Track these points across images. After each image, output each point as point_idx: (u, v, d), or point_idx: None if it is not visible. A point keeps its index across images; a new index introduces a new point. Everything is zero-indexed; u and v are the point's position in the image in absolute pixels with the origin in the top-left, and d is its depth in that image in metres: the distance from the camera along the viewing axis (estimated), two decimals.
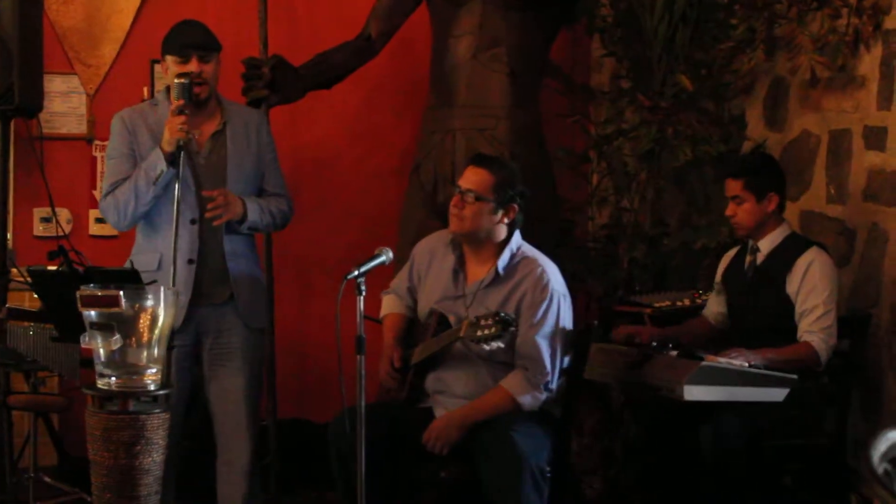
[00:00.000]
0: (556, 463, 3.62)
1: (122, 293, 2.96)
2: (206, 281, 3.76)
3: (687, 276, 4.70)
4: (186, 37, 3.77)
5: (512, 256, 3.69)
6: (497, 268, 3.66)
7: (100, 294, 2.99)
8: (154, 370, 3.05)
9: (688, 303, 4.29)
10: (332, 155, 5.22)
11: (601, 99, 5.11)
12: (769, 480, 3.77)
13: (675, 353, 3.71)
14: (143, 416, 3.01)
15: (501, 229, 3.68)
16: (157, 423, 3.04)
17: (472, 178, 3.66)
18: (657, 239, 4.77)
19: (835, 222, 4.29)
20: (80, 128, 4.96)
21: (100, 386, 3.03)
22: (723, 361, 3.59)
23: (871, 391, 4.00)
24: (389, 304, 3.93)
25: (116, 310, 2.96)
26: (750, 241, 4.01)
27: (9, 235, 4.54)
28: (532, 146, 4.59)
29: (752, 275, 3.97)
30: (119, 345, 2.98)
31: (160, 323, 3.03)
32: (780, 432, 3.75)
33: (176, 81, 3.67)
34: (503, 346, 3.50)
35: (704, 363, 3.55)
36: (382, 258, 3.34)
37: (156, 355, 3.04)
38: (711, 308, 4.16)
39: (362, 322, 3.16)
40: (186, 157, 3.65)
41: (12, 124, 4.54)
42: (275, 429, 4.67)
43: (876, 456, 2.07)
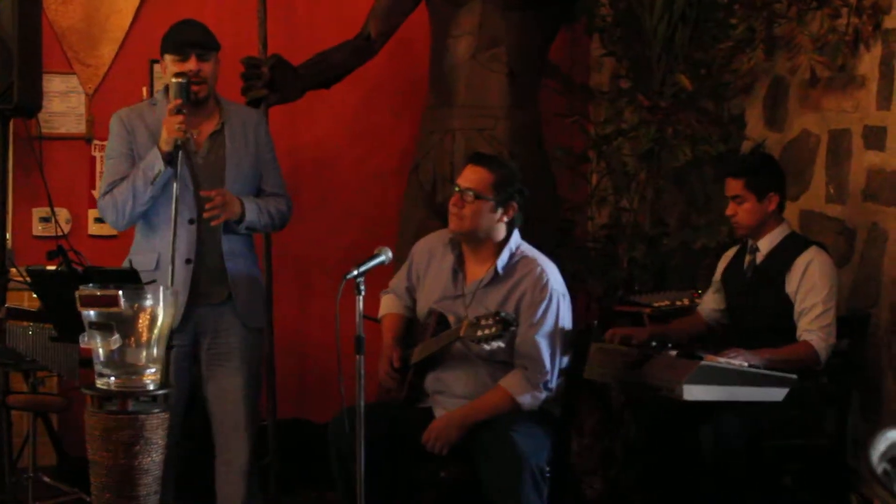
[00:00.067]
0: (556, 463, 3.62)
1: (121, 293, 2.96)
2: (203, 281, 3.76)
3: (686, 275, 4.70)
4: (185, 35, 3.76)
5: (511, 256, 3.69)
6: (496, 267, 3.66)
7: (99, 294, 2.98)
8: (153, 370, 3.05)
9: (687, 302, 4.29)
10: (332, 155, 5.21)
11: (600, 99, 5.10)
12: (769, 480, 3.77)
13: (674, 352, 3.71)
14: (143, 416, 3.00)
15: (501, 228, 3.68)
16: (157, 423, 3.04)
17: (471, 177, 3.66)
18: (657, 239, 4.77)
19: (834, 222, 4.29)
20: (79, 127, 4.96)
21: (99, 386, 3.03)
22: (722, 361, 3.59)
23: (870, 391, 4.00)
24: (388, 303, 3.92)
25: (115, 309, 2.96)
26: (749, 241, 4.01)
27: (8, 235, 4.53)
28: (531, 146, 4.58)
29: (752, 274, 3.97)
30: (118, 345, 2.98)
31: (159, 323, 3.03)
32: (780, 432, 3.74)
33: (173, 81, 3.66)
34: (503, 346, 3.50)
35: (704, 363, 3.55)
36: (382, 258, 3.34)
37: (155, 355, 3.04)
38: (707, 305, 4.16)
39: (362, 322, 3.16)
40: (184, 157, 3.64)
41: (11, 124, 4.53)
42: (274, 429, 4.66)
43: (875, 456, 2.07)
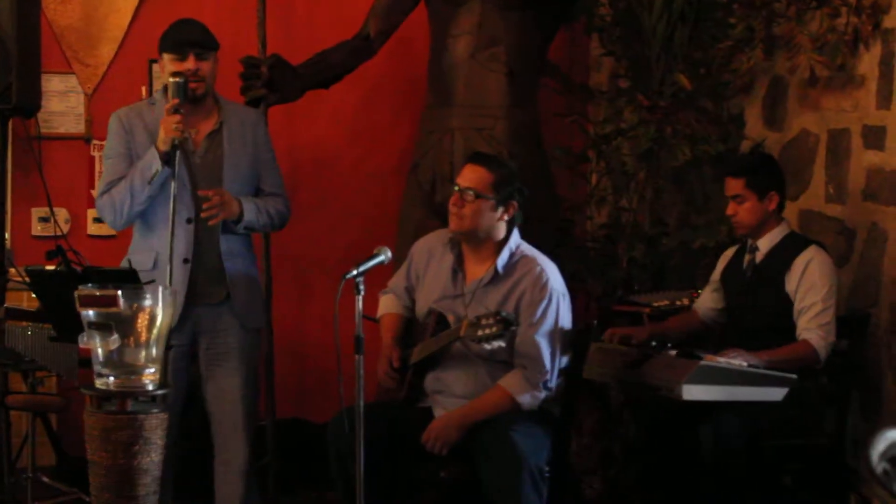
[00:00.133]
0: (556, 463, 3.62)
1: (120, 293, 2.96)
2: (201, 280, 3.75)
3: (686, 275, 4.69)
4: (183, 34, 3.76)
5: (511, 255, 3.68)
6: (496, 266, 3.65)
7: (98, 294, 2.98)
8: (152, 370, 3.05)
9: (687, 302, 4.28)
10: (331, 154, 5.21)
11: (600, 98, 5.10)
12: (769, 480, 3.76)
13: (674, 352, 3.71)
14: (142, 416, 3.00)
15: (501, 227, 3.68)
16: (156, 423, 3.03)
17: (470, 177, 3.66)
18: (656, 238, 4.77)
19: (834, 222, 4.28)
20: (78, 127, 4.95)
21: (98, 386, 3.02)
22: (722, 361, 3.59)
23: (870, 391, 4.00)
24: (387, 303, 3.92)
25: (114, 309, 2.96)
26: (749, 240, 4.01)
27: (7, 235, 4.53)
28: (530, 146, 4.58)
29: (752, 274, 3.97)
30: (117, 345, 2.97)
31: (158, 323, 3.02)
32: (780, 432, 3.74)
33: (171, 80, 3.66)
34: (504, 346, 3.49)
35: (703, 363, 3.54)
36: (381, 258, 3.34)
37: (154, 355, 3.04)
38: (704, 304, 4.16)
39: (361, 322, 3.16)
40: (182, 157, 3.64)
41: (10, 124, 4.52)
42: (273, 429, 4.66)
43: (875, 455, 2.07)
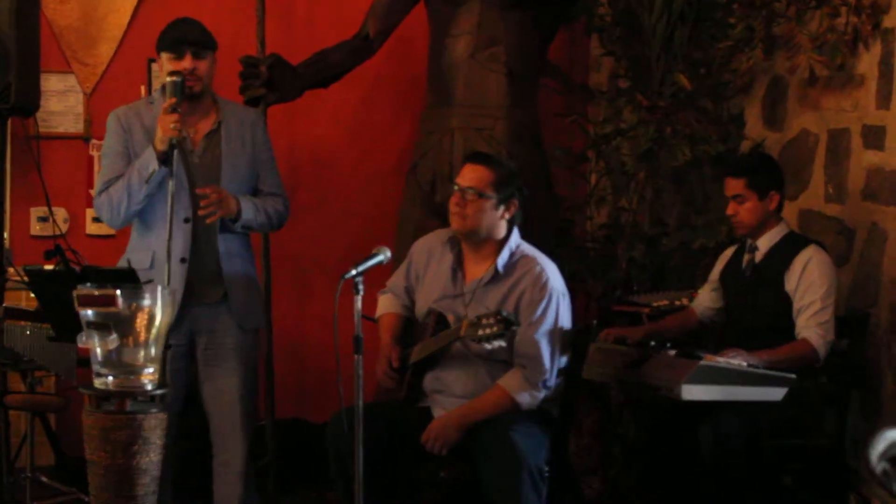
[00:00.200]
0: (555, 462, 3.61)
1: (118, 293, 2.95)
2: (199, 280, 3.74)
3: (685, 275, 4.69)
4: (181, 33, 3.75)
5: (511, 255, 3.68)
6: (497, 266, 3.65)
7: (97, 293, 2.98)
8: (151, 370, 3.04)
9: (686, 302, 4.28)
10: (330, 154, 5.21)
11: (599, 98, 5.10)
12: (768, 480, 3.76)
13: (673, 352, 3.70)
14: (141, 416, 3.00)
15: (502, 226, 3.68)
16: (155, 423, 3.03)
17: (471, 176, 3.66)
18: (656, 239, 4.76)
19: (834, 221, 4.28)
20: (76, 127, 4.95)
21: (97, 386, 3.02)
22: (721, 361, 3.58)
23: (870, 391, 4.00)
24: (386, 303, 3.92)
25: (113, 309, 2.95)
26: (748, 240, 4.00)
27: (5, 235, 4.51)
28: (530, 146, 4.58)
29: (751, 273, 3.97)
30: (116, 344, 2.97)
31: (157, 322, 3.02)
32: (780, 432, 3.74)
33: (168, 79, 3.66)
34: (504, 346, 3.49)
35: (703, 363, 3.54)
36: (380, 257, 3.33)
37: (153, 355, 3.03)
38: (702, 302, 4.16)
39: (360, 321, 3.15)
40: (180, 156, 3.63)
41: (9, 123, 4.52)
42: (273, 429, 4.66)
43: (874, 455, 2.07)
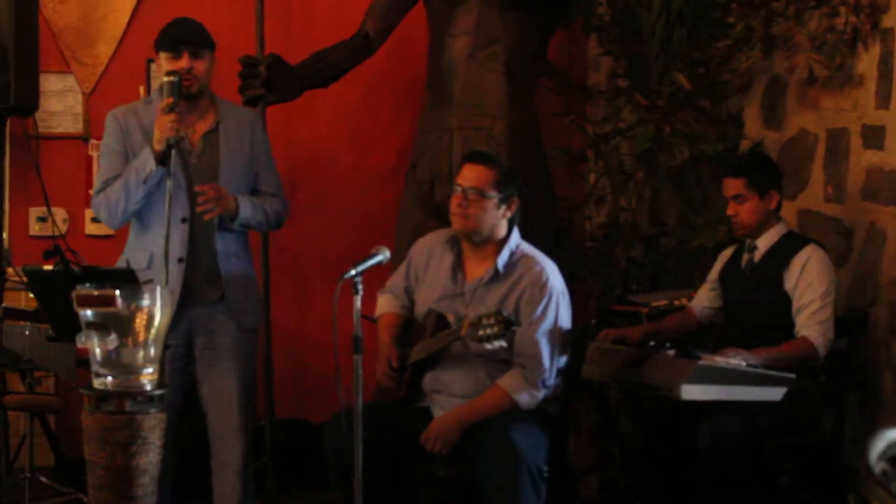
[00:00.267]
0: (554, 462, 3.61)
1: (118, 293, 2.95)
2: (196, 280, 3.73)
3: (684, 275, 4.69)
4: (178, 32, 3.75)
5: (511, 254, 3.68)
6: (497, 265, 3.65)
7: (96, 294, 2.97)
8: (150, 370, 3.03)
9: (685, 302, 4.27)
10: (329, 154, 5.21)
11: (598, 98, 5.10)
12: (767, 480, 3.76)
13: (672, 352, 3.70)
14: (140, 417, 2.99)
15: (503, 225, 3.68)
16: (154, 424, 3.02)
17: (472, 176, 3.66)
18: (655, 238, 4.76)
19: (833, 221, 4.28)
20: (75, 127, 4.95)
21: (96, 386, 3.01)
22: (720, 361, 3.58)
23: (868, 390, 4.00)
24: (385, 303, 3.92)
25: (112, 309, 2.95)
26: (747, 240, 4.00)
27: (4, 235, 4.53)
28: (529, 145, 4.58)
29: (750, 273, 3.96)
30: (115, 345, 2.96)
31: (156, 323, 3.01)
32: (778, 432, 3.73)
33: (165, 79, 3.65)
34: (505, 346, 3.49)
35: (702, 362, 3.54)
36: (379, 257, 3.33)
37: (152, 355, 3.03)
38: (700, 302, 4.15)
39: (359, 321, 3.15)
40: (178, 156, 3.62)
41: (8, 123, 4.52)
42: (272, 429, 4.66)
43: (873, 455, 2.07)
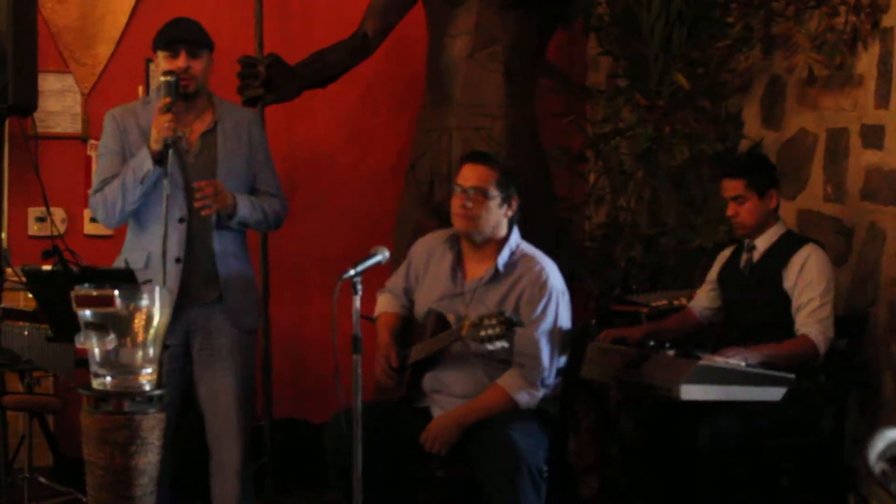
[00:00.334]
0: (554, 462, 3.61)
1: (117, 293, 2.95)
2: (194, 280, 3.72)
3: (684, 275, 4.69)
4: (176, 32, 3.74)
5: (511, 254, 3.68)
6: (497, 265, 3.65)
7: (95, 294, 2.97)
8: (149, 370, 3.03)
9: (685, 302, 4.27)
10: (329, 154, 5.21)
11: (598, 98, 5.10)
12: (767, 480, 3.76)
13: (672, 352, 3.70)
14: (139, 417, 2.99)
15: (504, 224, 3.68)
16: (153, 424, 3.02)
17: (473, 176, 3.65)
18: (654, 238, 4.76)
19: (832, 221, 4.28)
20: (74, 127, 4.95)
21: (95, 386, 3.01)
22: (720, 361, 3.58)
23: (868, 390, 4.00)
24: (384, 303, 3.91)
25: (111, 310, 2.94)
26: (746, 240, 4.00)
27: (3, 235, 4.52)
28: (529, 145, 4.58)
29: (749, 273, 3.96)
30: (114, 345, 2.96)
31: (155, 323, 3.01)
32: (778, 432, 3.73)
33: (162, 79, 3.64)
34: (507, 346, 3.49)
35: (701, 362, 3.54)
36: (379, 257, 3.33)
37: (151, 355, 3.02)
38: (700, 303, 4.15)
39: (359, 321, 3.15)
40: (176, 156, 3.62)
41: (7, 123, 4.52)
42: (271, 429, 4.66)
43: (873, 455, 2.06)
